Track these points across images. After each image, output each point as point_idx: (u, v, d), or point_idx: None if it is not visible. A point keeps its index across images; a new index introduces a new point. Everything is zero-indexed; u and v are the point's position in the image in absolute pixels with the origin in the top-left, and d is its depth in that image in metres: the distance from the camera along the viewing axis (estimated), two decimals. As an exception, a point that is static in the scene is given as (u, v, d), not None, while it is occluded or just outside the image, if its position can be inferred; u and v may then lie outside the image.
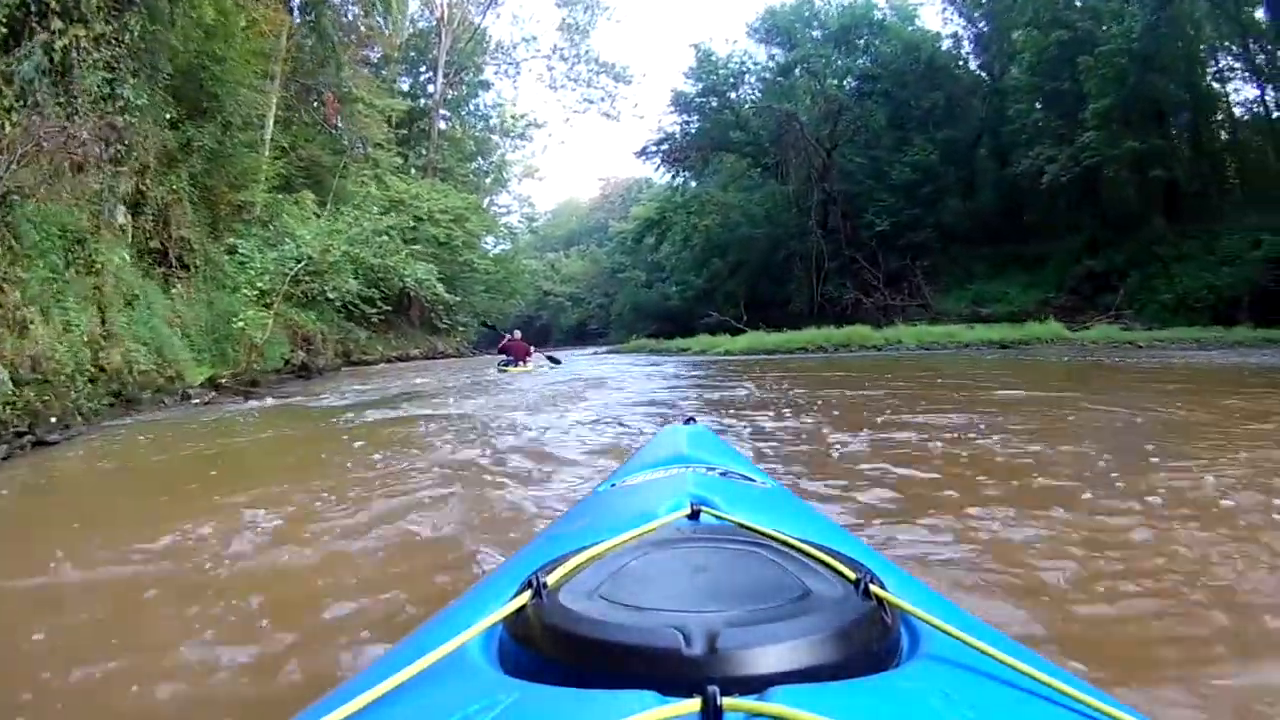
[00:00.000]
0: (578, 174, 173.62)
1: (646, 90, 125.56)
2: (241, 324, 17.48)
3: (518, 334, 22.93)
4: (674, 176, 49.77)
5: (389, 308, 35.18)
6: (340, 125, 36.29)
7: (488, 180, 57.42)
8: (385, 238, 27.00)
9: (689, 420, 2.61)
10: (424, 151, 48.64)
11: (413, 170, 45.11)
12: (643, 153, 49.21)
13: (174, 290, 17.20)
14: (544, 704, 0.70)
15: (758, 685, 0.70)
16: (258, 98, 24.21)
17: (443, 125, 50.80)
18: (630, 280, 64.19)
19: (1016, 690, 0.80)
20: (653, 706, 0.64)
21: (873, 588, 0.87)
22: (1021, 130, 32.84)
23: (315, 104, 34.19)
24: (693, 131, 46.51)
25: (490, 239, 54.55)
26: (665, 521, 1.20)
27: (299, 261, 20.69)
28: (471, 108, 55.52)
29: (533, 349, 22.80)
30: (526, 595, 0.88)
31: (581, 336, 73.47)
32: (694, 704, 0.64)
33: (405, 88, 49.53)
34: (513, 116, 58.02)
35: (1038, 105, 32.95)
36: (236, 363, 17.10)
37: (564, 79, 56.57)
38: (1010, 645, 0.93)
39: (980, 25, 40.05)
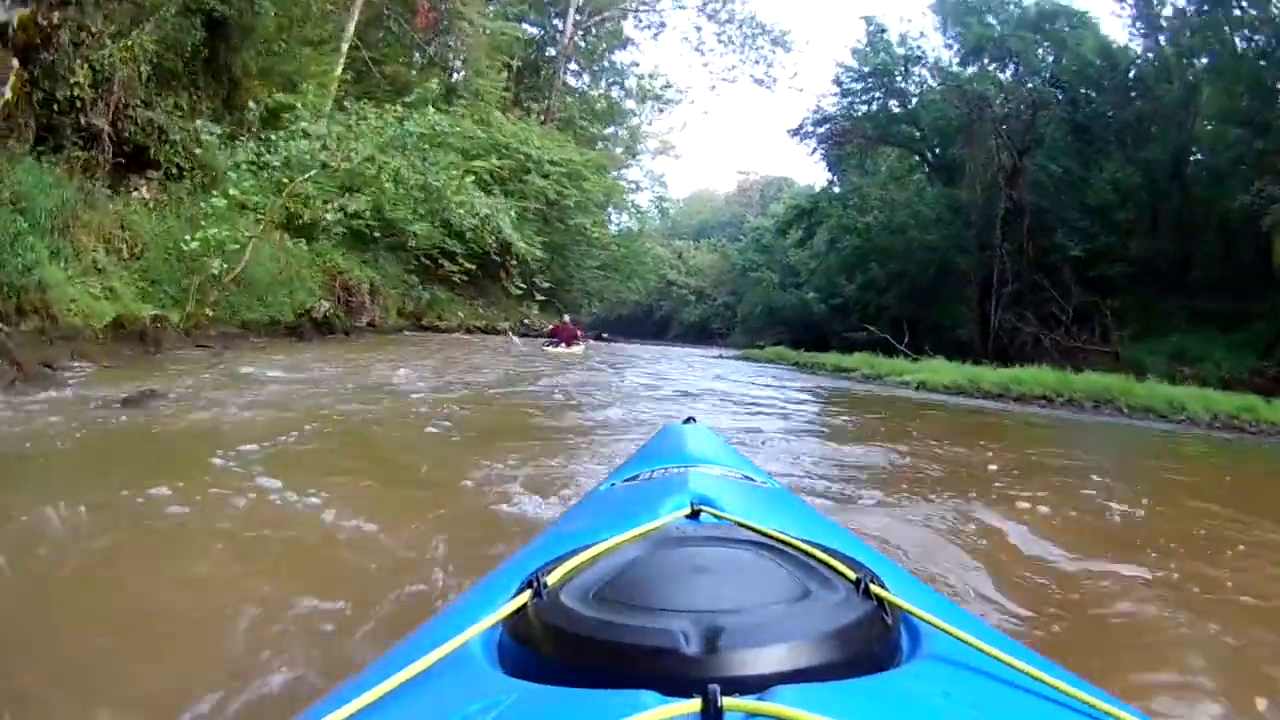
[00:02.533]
0: (714, 164, 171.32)
1: (807, 60, 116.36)
2: (196, 243, 13.78)
3: (568, 318, 25.25)
4: (832, 164, 45.89)
5: (472, 266, 32.31)
6: (433, 39, 32.94)
7: (618, 151, 52.61)
8: (451, 166, 20.97)
9: (689, 420, 2.56)
10: (544, 98, 43.93)
11: (531, 116, 40.20)
12: (798, 130, 44.06)
13: (132, 195, 14.91)
14: (544, 704, 0.72)
15: (758, 685, 0.71)
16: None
17: (570, 81, 47.55)
18: (762, 281, 59.47)
19: (1017, 690, 0.82)
20: (653, 706, 0.65)
21: (873, 588, 0.88)
22: (1239, 161, 27.98)
23: (407, 15, 30.36)
24: (858, 115, 42.17)
25: (614, 215, 50.30)
26: (665, 521, 1.18)
27: (303, 169, 16.30)
28: (605, 64, 51.54)
29: (580, 334, 23.89)
30: (527, 595, 0.90)
31: (702, 335, 70.00)
32: (694, 704, 0.65)
33: (531, 32, 44.98)
34: (651, 75, 53.14)
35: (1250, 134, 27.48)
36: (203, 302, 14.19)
37: (713, 40, 51.15)
38: (1010, 645, 0.94)
39: (1167, 39, 34.20)
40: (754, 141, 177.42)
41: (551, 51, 45.53)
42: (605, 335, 31.85)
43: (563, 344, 21.57)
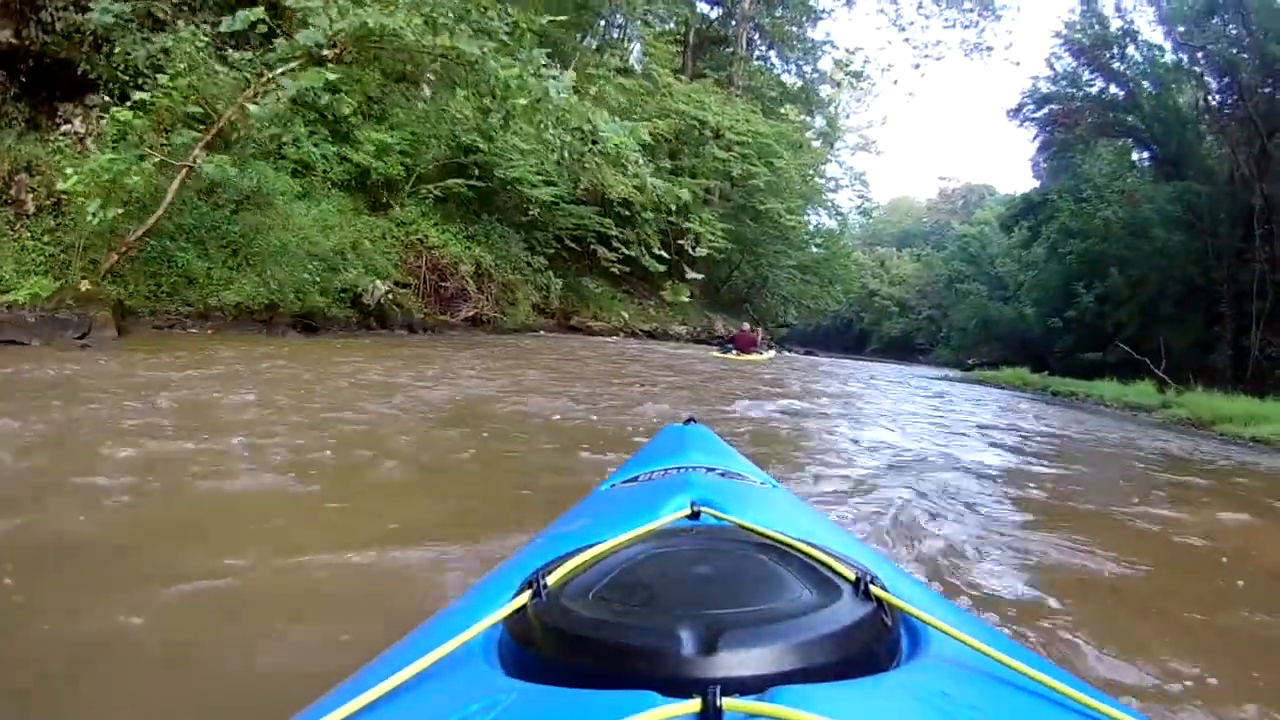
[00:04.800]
0: (914, 169, 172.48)
1: (1025, 29, 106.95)
2: (75, 179, 10.30)
3: (746, 326, 24.74)
4: (1051, 156, 41.94)
5: (630, 253, 27.40)
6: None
7: (815, 142, 47.30)
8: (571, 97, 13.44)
9: (689, 420, 2.54)
10: (725, 69, 39.20)
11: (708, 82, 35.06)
12: (1017, 111, 40.42)
13: (59, 131, 12.43)
14: (544, 704, 0.73)
15: (758, 685, 0.71)
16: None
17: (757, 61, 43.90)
18: (970, 293, 54.92)
19: (1016, 690, 0.82)
20: (653, 706, 0.65)
21: (873, 588, 0.88)
22: None
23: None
24: (1077, 97, 37.70)
25: (811, 214, 45.19)
26: (665, 521, 1.18)
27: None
28: (795, 40, 45.73)
29: (760, 340, 23.22)
30: (527, 595, 0.91)
31: (905, 350, 65.12)
32: (694, 704, 0.65)
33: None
34: (848, 50, 49.77)
35: None
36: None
37: (912, 11, 47.02)
38: (1010, 645, 0.95)
39: None
40: (954, 148, 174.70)
41: (732, 24, 42.05)
42: (809, 351, 31.92)
43: (736, 350, 21.12)
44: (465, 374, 9.67)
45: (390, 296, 15.89)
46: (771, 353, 24.03)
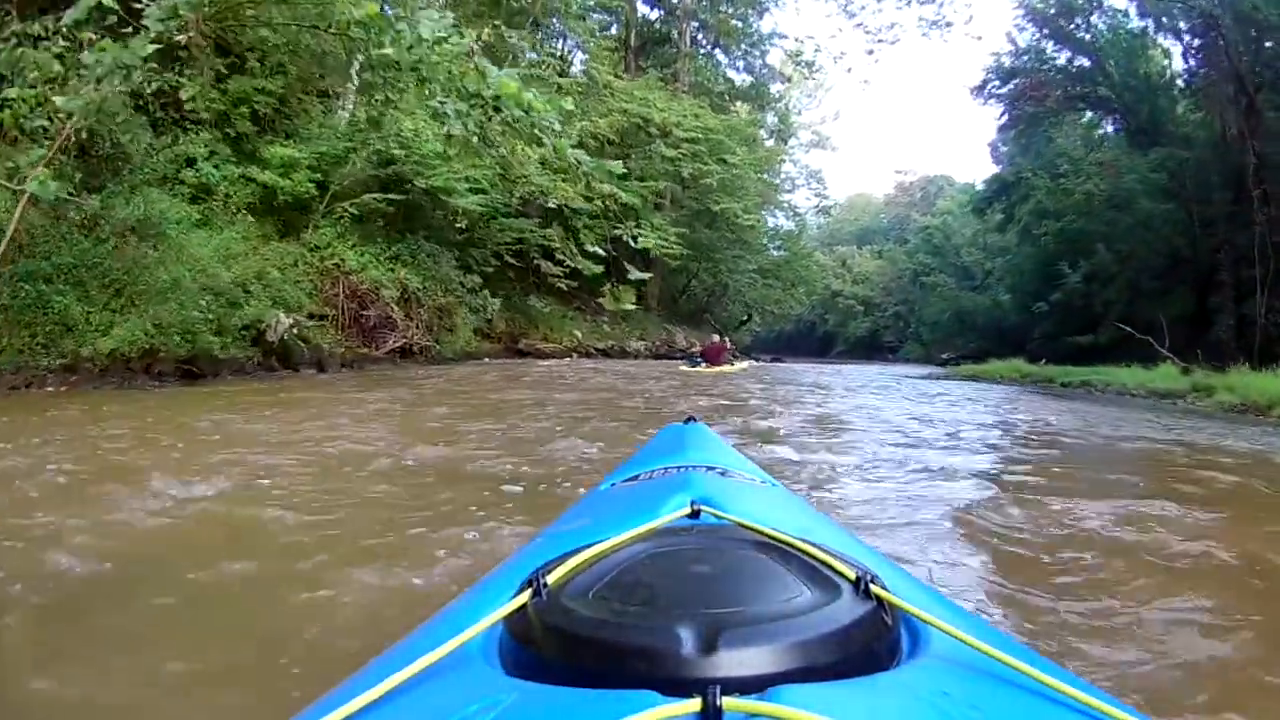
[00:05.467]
0: (869, 165, 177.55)
1: (984, 2, 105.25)
2: None
3: (716, 337, 23.77)
4: (1020, 132, 40.35)
5: (575, 265, 25.29)
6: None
7: (768, 140, 46.59)
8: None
9: (689, 420, 2.53)
10: (669, 64, 38.30)
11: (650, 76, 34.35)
12: (981, 88, 39.32)
13: None
14: (544, 703, 0.73)
15: (758, 685, 0.71)
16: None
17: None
18: (937, 286, 55.23)
19: (1017, 690, 0.82)
20: (653, 706, 0.65)
21: (873, 587, 0.89)
22: None
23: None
24: (1044, 69, 36.71)
25: (769, 216, 44.63)
26: (665, 521, 1.18)
27: None
28: (744, 34, 43.48)
29: (729, 350, 22.99)
30: (527, 594, 0.90)
31: (871, 350, 64.99)
32: (694, 704, 0.65)
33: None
34: (797, 39, 48.39)
35: None
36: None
37: None
38: (1010, 645, 0.95)
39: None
40: (909, 140, 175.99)
41: (674, 21, 40.67)
42: (776, 357, 31.10)
43: (706, 363, 21.05)
44: (343, 424, 7.62)
45: (295, 331, 14.22)
46: (743, 363, 24.17)
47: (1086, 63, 35.76)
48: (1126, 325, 27.14)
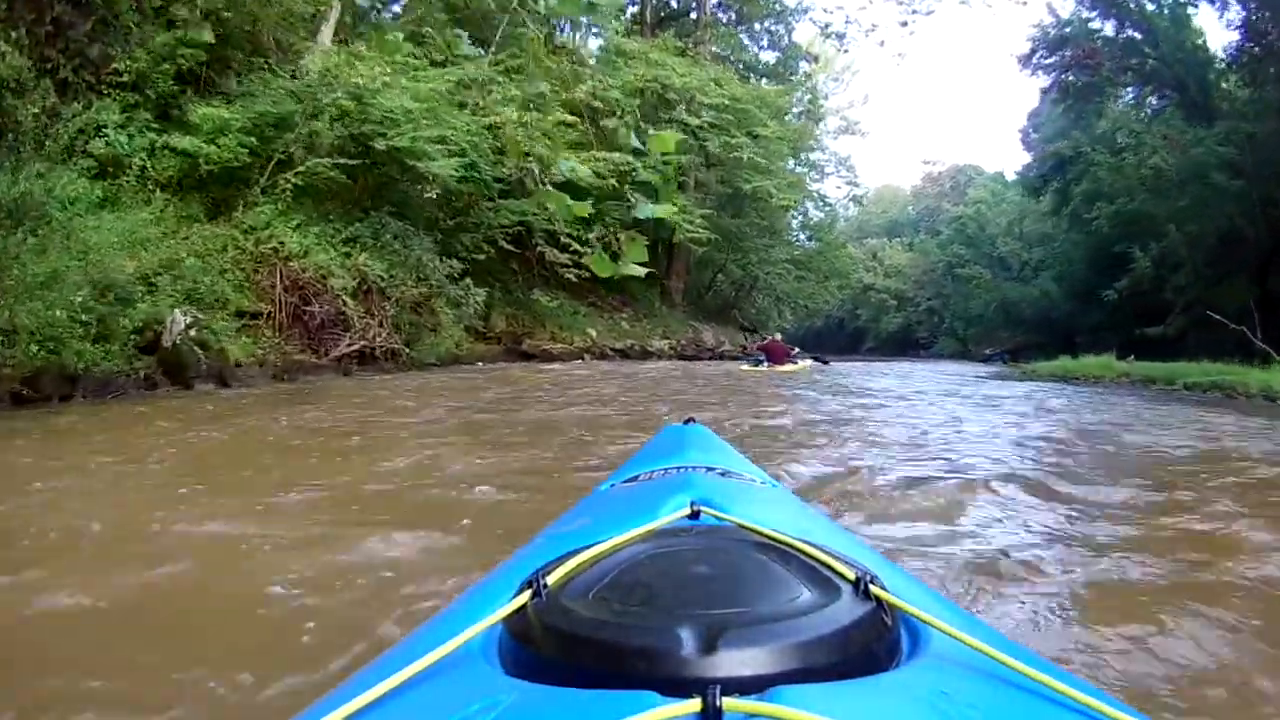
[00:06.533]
0: (896, 157, 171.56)
1: None
2: None
3: (778, 335, 24.68)
4: (1071, 104, 36.60)
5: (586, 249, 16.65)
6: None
7: (797, 123, 42.56)
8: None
9: (689, 420, 2.55)
10: (689, 33, 34.11)
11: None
12: (1029, 58, 35.91)
13: None
14: (544, 704, 0.74)
15: (758, 685, 0.71)
16: None
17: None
18: (974, 278, 50.58)
19: (1017, 690, 0.82)
20: (653, 707, 0.65)
21: (873, 588, 0.89)
22: None
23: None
24: (1099, 36, 33.70)
25: (797, 207, 40.20)
26: (665, 521, 1.18)
27: None
28: (765, 6, 40.18)
29: (794, 351, 22.62)
30: (527, 595, 0.91)
31: (904, 346, 62.05)
32: (694, 704, 0.65)
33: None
34: (826, 10, 50.42)
35: None
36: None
37: None
38: (1010, 645, 0.95)
39: None
40: (935, 131, 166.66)
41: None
42: (825, 359, 27.06)
43: (769, 362, 20.18)
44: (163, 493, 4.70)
45: (193, 333, 11.40)
46: (807, 362, 22.89)
47: (1137, 35, 33.79)
48: (1192, 314, 26.01)
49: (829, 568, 0.94)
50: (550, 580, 0.91)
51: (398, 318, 15.86)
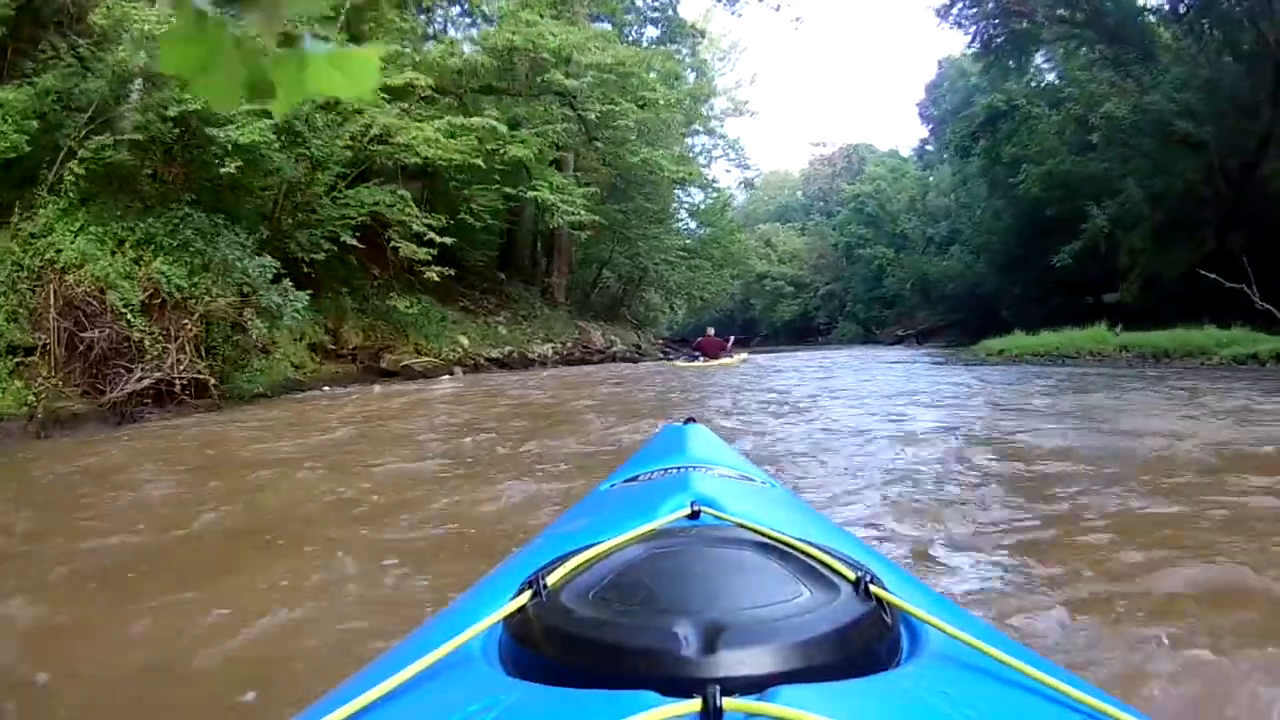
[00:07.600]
0: (785, 142, 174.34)
1: None
2: None
3: (711, 331, 24.18)
4: (994, 60, 34.46)
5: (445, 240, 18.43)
6: None
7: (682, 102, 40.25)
8: None
9: (689, 420, 2.49)
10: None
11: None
12: (946, 11, 33.66)
13: None
14: (544, 704, 0.77)
15: (758, 685, 0.73)
16: None
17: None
18: (877, 258, 50.63)
19: (1016, 690, 0.85)
20: (653, 706, 0.67)
21: (873, 588, 0.93)
22: None
23: None
24: None
25: (685, 192, 39.06)
26: (665, 521, 1.20)
27: None
28: None
29: (728, 344, 23.16)
30: (527, 595, 0.95)
31: (801, 334, 61.37)
32: (694, 704, 0.67)
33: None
34: None
35: None
36: None
37: None
38: (1010, 645, 0.98)
39: None
40: (823, 113, 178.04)
41: None
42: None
43: (704, 357, 21.34)
44: None
45: None
46: (741, 355, 23.28)
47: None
48: (1147, 277, 25.37)
49: (829, 567, 0.96)
50: (550, 580, 0.94)
51: (208, 339, 12.25)
